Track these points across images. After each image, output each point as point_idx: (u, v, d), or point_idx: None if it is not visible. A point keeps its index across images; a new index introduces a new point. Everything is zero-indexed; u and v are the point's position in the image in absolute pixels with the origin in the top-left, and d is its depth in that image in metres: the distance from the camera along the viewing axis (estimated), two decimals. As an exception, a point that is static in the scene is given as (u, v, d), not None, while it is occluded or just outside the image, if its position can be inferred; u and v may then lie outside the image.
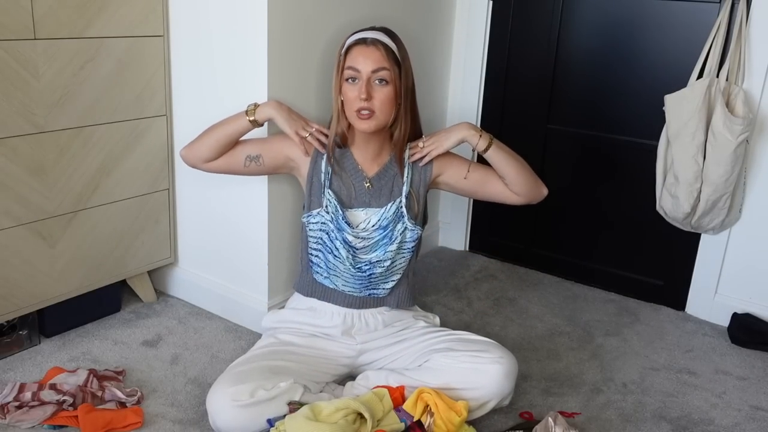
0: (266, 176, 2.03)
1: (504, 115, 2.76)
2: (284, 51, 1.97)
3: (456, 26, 2.76)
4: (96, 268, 2.12)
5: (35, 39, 1.81)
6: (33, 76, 1.83)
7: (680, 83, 2.23)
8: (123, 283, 2.28)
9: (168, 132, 2.21)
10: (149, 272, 2.35)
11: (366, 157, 1.88)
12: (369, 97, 1.73)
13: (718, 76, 2.18)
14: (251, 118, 1.85)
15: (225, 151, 1.89)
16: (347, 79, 1.76)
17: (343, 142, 1.86)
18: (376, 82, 1.74)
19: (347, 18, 2.14)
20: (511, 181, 1.88)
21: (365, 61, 1.73)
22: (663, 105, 2.25)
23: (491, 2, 2.68)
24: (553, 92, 2.63)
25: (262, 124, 1.88)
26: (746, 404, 1.99)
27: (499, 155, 1.86)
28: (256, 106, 1.87)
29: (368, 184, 1.87)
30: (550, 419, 1.69)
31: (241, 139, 1.90)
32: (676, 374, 2.12)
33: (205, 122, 2.13)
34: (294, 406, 1.63)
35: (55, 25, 1.84)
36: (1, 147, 1.80)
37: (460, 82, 2.80)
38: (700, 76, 2.20)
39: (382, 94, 1.75)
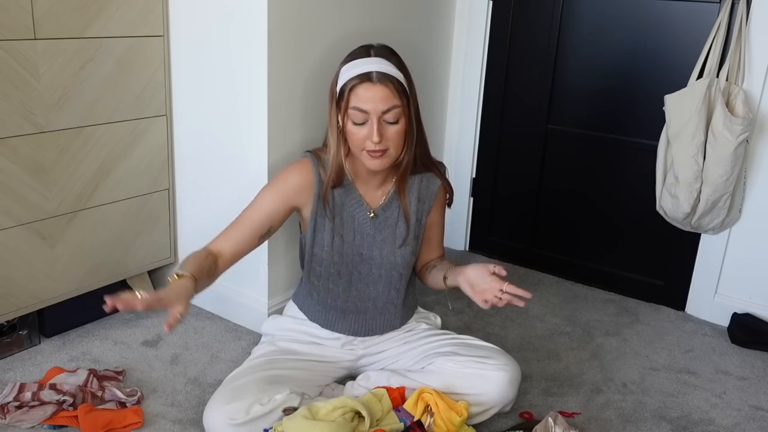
0: (265, 177, 2.03)
1: (504, 115, 2.76)
2: (284, 51, 1.97)
3: (456, 26, 2.76)
4: (96, 268, 2.12)
5: (35, 39, 1.81)
6: (33, 76, 1.83)
7: (680, 83, 2.23)
8: (123, 283, 2.28)
9: (168, 132, 2.21)
10: (149, 272, 2.35)
11: (369, 188, 1.80)
12: (381, 138, 1.62)
13: (718, 76, 2.18)
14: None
15: (255, 244, 1.74)
16: (353, 119, 1.64)
17: (338, 180, 1.74)
18: (387, 120, 1.63)
19: (348, 18, 2.14)
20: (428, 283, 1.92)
21: (374, 103, 1.61)
22: (663, 105, 2.25)
23: (491, 2, 2.68)
24: (553, 92, 2.63)
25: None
26: (746, 404, 1.99)
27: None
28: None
29: (372, 215, 1.80)
30: (549, 419, 1.69)
31: (242, 220, 1.73)
32: (676, 374, 2.12)
33: (205, 122, 2.14)
34: (289, 411, 1.62)
35: (55, 25, 1.84)
36: (1, 147, 1.80)
37: (460, 82, 2.80)
38: (700, 76, 2.20)
39: (394, 131, 1.65)
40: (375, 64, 1.64)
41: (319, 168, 1.75)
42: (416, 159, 1.78)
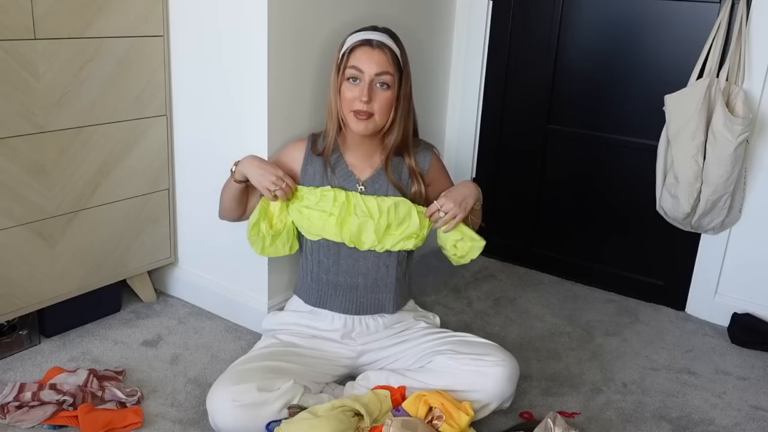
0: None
1: (504, 115, 2.76)
2: (284, 50, 1.97)
3: (456, 26, 2.76)
4: (96, 268, 2.12)
5: (35, 39, 1.81)
6: (33, 76, 1.83)
7: (680, 83, 2.23)
8: (123, 283, 2.28)
9: (168, 132, 2.21)
10: (149, 272, 2.35)
11: (358, 160, 1.88)
12: (370, 100, 1.74)
13: (718, 76, 2.18)
14: (234, 178, 1.87)
15: (245, 204, 1.95)
16: (348, 78, 1.76)
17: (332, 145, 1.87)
18: (378, 85, 1.75)
19: (347, 17, 2.14)
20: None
21: (370, 63, 1.74)
22: (663, 105, 2.25)
23: (491, 2, 2.68)
24: (554, 92, 2.63)
25: (245, 181, 1.86)
26: (746, 404, 1.99)
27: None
28: (236, 164, 1.87)
29: (361, 187, 1.86)
30: (549, 420, 1.69)
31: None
32: (676, 374, 2.12)
33: (205, 122, 2.15)
34: (294, 411, 1.62)
35: (55, 25, 1.84)
36: (1, 147, 1.80)
37: (460, 82, 2.80)
38: (700, 76, 2.20)
39: (383, 98, 1.76)
40: (377, 35, 1.79)
41: (311, 146, 1.89)
42: (405, 138, 1.86)
